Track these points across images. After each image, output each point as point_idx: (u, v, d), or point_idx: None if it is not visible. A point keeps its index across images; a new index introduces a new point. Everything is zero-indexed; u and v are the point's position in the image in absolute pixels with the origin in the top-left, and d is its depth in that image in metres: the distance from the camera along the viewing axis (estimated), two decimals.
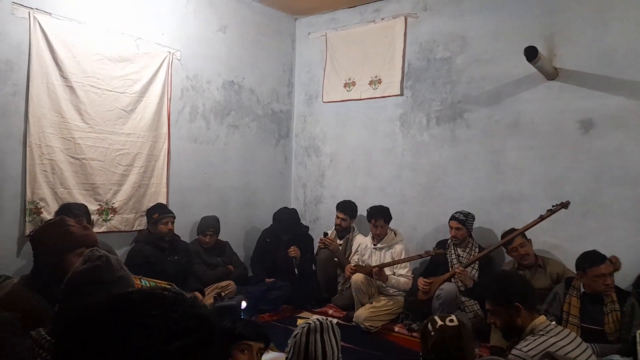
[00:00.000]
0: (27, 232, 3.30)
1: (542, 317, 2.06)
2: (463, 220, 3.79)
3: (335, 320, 3.76)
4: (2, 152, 3.21)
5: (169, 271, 3.56)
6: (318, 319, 1.74)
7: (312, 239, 4.68)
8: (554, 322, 2.07)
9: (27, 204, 3.30)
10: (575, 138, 3.75)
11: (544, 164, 3.89)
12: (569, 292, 2.98)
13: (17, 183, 3.28)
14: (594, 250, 2.94)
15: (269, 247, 4.51)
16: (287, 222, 4.48)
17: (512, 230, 3.57)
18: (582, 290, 2.94)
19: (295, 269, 4.24)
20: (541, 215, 3.40)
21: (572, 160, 3.76)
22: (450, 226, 3.86)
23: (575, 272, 3.04)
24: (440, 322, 1.83)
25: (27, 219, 3.30)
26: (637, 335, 2.62)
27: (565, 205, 3.36)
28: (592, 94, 3.68)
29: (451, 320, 1.83)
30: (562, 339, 1.89)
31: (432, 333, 1.80)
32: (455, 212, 3.88)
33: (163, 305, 0.67)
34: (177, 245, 3.86)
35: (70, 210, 3.18)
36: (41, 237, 2.06)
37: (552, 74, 3.80)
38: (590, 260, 2.87)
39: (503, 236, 3.63)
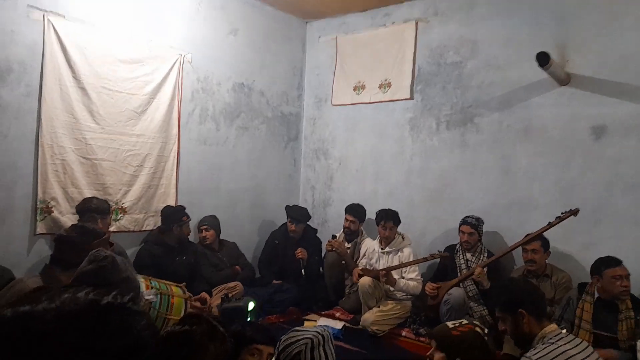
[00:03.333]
0: (38, 231, 3.33)
1: (553, 325, 2.03)
2: (475, 225, 3.77)
3: (342, 324, 3.80)
4: (15, 152, 3.25)
5: (178, 271, 3.58)
6: (317, 331, 1.71)
7: (320, 242, 4.68)
8: (564, 331, 2.04)
9: (38, 203, 3.33)
10: (587, 144, 3.71)
11: (555, 171, 3.85)
12: (582, 298, 2.95)
13: (28, 183, 3.32)
14: (609, 255, 2.92)
15: (277, 248, 4.51)
16: (299, 212, 4.50)
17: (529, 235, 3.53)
18: (597, 296, 2.90)
19: (302, 271, 4.24)
20: (550, 222, 3.37)
21: (584, 167, 3.72)
22: (461, 231, 3.83)
23: (586, 279, 3.01)
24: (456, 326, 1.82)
25: (37, 218, 3.33)
26: (638, 344, 2.59)
27: (574, 212, 3.33)
28: (604, 100, 3.64)
29: (463, 324, 1.83)
30: (572, 348, 1.87)
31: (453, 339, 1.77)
32: (466, 217, 3.86)
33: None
34: (186, 246, 3.88)
35: (93, 204, 3.24)
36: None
37: (564, 80, 3.77)
38: (607, 262, 2.87)
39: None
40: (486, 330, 1.86)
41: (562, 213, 3.35)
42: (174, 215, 3.82)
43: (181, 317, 1.54)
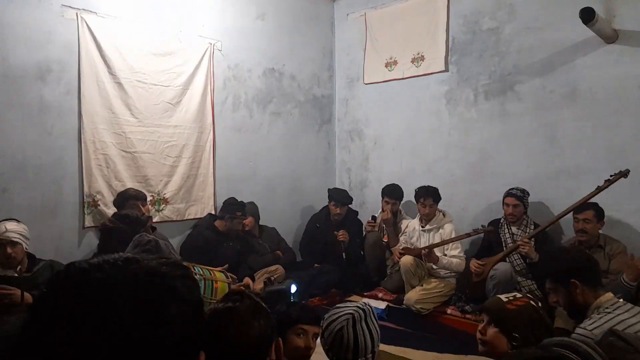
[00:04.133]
0: (87, 224, 3.47)
1: (609, 294, 1.93)
2: (520, 197, 3.62)
3: (385, 304, 3.76)
4: (61, 149, 3.38)
5: (227, 256, 3.69)
6: (357, 306, 1.68)
7: (361, 223, 4.64)
8: (622, 300, 1.93)
9: (85, 198, 3.46)
10: (637, 105, 3.47)
11: (604, 135, 3.63)
12: None
13: (75, 178, 3.45)
14: None
15: (318, 232, 4.51)
16: (343, 195, 4.50)
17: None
18: None
19: (343, 254, 4.22)
20: (598, 186, 3.18)
21: (635, 129, 3.49)
22: (506, 203, 3.69)
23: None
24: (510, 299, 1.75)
25: (85, 212, 3.46)
26: None
27: (624, 174, 3.12)
28: None
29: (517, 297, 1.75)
30: (632, 317, 1.75)
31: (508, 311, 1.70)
32: (511, 189, 3.71)
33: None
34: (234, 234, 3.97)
35: (131, 196, 3.34)
36: None
37: (611, 37, 3.52)
38: None
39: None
40: (540, 304, 1.78)
41: (610, 176, 3.15)
42: (230, 207, 3.93)
43: (224, 295, 1.55)
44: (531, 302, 1.75)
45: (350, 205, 4.59)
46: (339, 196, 4.48)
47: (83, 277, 0.61)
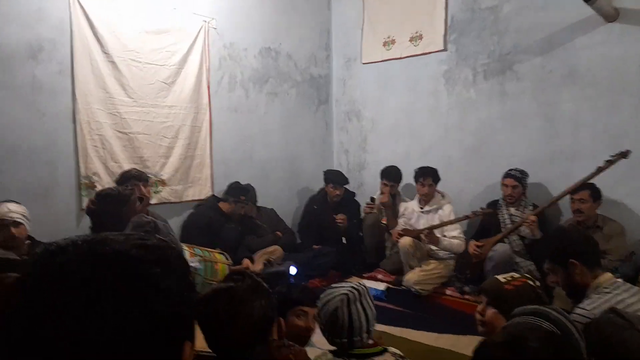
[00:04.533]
0: (84, 205, 3.43)
1: (608, 274, 1.93)
2: (520, 178, 3.63)
3: (384, 285, 3.79)
4: (55, 130, 3.32)
5: (228, 237, 3.73)
6: (352, 286, 1.68)
7: (359, 205, 4.63)
8: (621, 280, 1.94)
9: (81, 179, 3.42)
10: (638, 86, 3.45)
11: (603, 116, 3.62)
12: None
13: (70, 159, 3.40)
14: None
15: (316, 213, 4.51)
16: (340, 176, 4.50)
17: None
18: None
19: (343, 238, 4.23)
20: (599, 166, 3.18)
21: (635, 110, 3.47)
22: (505, 184, 3.70)
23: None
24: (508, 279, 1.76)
25: (82, 194, 3.43)
26: None
27: (624, 154, 3.12)
28: None
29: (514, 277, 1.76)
30: (631, 296, 1.77)
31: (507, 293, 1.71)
32: (510, 169, 3.71)
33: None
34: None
35: (133, 176, 3.29)
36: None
37: (611, 15, 3.48)
38: None
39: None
40: (538, 283, 1.79)
41: (611, 156, 3.15)
42: (234, 191, 3.99)
43: (225, 275, 1.54)
44: (528, 281, 1.76)
45: (347, 187, 4.59)
46: (337, 177, 4.46)
47: (48, 260, 0.56)
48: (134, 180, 3.27)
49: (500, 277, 1.82)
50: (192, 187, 4.06)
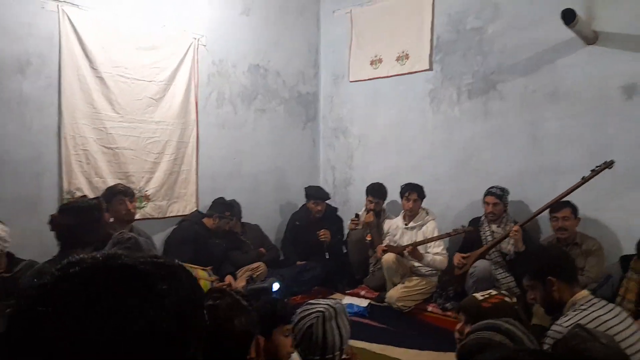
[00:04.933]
0: None
1: (584, 292, 1.96)
2: (500, 195, 3.67)
3: (367, 302, 3.78)
4: (39, 144, 3.31)
5: (212, 252, 3.71)
6: (329, 304, 1.68)
7: (342, 220, 4.65)
8: (597, 297, 1.96)
9: (64, 194, 3.40)
10: (618, 105, 3.53)
11: (585, 134, 3.69)
12: (628, 276, 2.78)
13: (54, 174, 3.38)
14: None
15: (299, 230, 4.51)
16: (321, 191, 4.55)
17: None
18: None
19: (326, 253, 4.23)
20: (583, 177, 3.23)
21: (616, 128, 3.55)
22: (486, 202, 3.73)
23: (618, 246, 2.88)
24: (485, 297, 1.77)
25: None
26: None
27: (609, 164, 3.16)
28: (635, 57, 3.44)
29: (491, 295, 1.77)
30: (606, 313, 1.78)
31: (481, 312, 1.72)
32: (491, 187, 3.75)
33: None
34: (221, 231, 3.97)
35: (120, 191, 3.26)
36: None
37: (591, 38, 3.58)
38: None
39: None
40: (515, 300, 1.80)
41: (596, 167, 3.20)
42: (219, 207, 3.97)
43: (206, 292, 1.54)
44: (505, 298, 1.77)
45: (331, 202, 4.60)
46: (317, 193, 4.50)
47: (67, 268, 0.60)
48: (120, 196, 3.25)
49: (478, 295, 1.83)
50: (176, 203, 4.05)
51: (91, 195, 3.46)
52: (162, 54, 3.93)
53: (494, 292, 1.84)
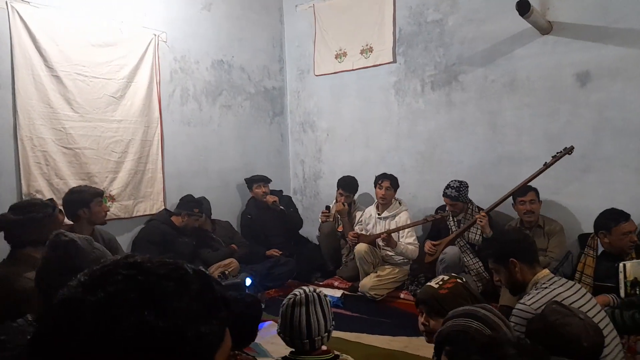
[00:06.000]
0: None
1: (545, 271, 2.04)
2: (455, 197, 3.70)
3: (341, 292, 3.82)
4: None
5: (182, 251, 3.66)
6: (304, 291, 1.70)
7: (289, 197, 4.92)
8: (557, 276, 2.05)
9: (23, 197, 3.27)
10: (572, 92, 3.68)
11: (542, 121, 3.83)
12: (585, 252, 2.91)
13: (12, 177, 3.26)
14: (614, 208, 2.83)
15: (254, 222, 4.51)
16: (259, 176, 4.65)
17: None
18: (601, 250, 2.85)
19: (280, 207, 4.45)
20: (545, 162, 3.36)
21: (571, 115, 3.70)
22: (445, 202, 3.82)
23: (578, 227, 3.01)
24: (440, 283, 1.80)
25: None
26: (621, 265, 2.60)
27: (569, 150, 3.31)
28: (587, 45, 3.59)
29: (445, 280, 1.81)
30: (567, 290, 1.87)
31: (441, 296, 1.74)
32: (446, 188, 3.76)
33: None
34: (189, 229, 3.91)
35: (97, 193, 3.12)
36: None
37: (546, 28, 3.71)
38: (616, 218, 2.75)
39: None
40: (465, 280, 1.85)
41: (557, 152, 3.33)
42: (187, 204, 3.91)
43: None
44: (458, 280, 1.81)
45: (303, 197, 4.62)
46: (258, 177, 4.57)
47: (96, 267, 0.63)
48: (98, 198, 3.09)
49: (433, 284, 1.82)
50: (143, 202, 3.97)
51: (52, 197, 3.35)
52: (121, 51, 3.82)
53: (446, 277, 1.85)
